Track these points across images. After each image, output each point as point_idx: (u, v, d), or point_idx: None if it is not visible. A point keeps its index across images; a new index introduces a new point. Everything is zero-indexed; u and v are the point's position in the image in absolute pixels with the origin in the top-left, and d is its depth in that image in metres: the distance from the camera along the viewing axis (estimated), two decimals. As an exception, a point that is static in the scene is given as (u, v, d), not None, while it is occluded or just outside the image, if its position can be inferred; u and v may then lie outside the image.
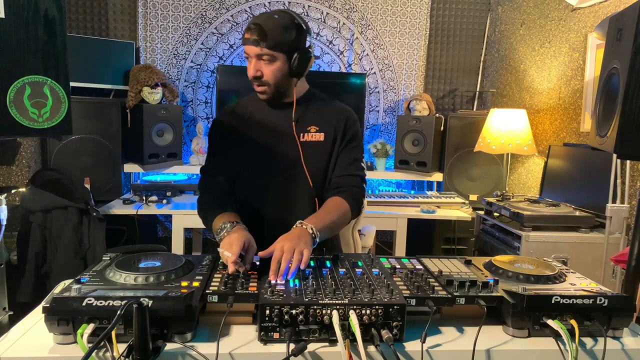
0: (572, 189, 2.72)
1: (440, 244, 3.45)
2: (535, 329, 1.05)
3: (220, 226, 1.39)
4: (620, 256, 1.83)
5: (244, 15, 3.73)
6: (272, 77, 1.51)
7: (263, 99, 1.58)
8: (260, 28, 1.45)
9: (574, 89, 2.85)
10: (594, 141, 1.46)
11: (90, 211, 2.58)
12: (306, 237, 1.29)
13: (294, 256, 1.18)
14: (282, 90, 1.57)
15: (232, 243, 1.21)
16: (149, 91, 3.27)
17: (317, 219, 1.42)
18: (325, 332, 0.98)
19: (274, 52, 1.48)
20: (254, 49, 1.48)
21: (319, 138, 1.60)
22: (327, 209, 1.52)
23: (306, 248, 1.23)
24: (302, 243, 1.24)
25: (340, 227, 1.59)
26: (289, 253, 1.19)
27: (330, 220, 1.46)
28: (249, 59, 1.52)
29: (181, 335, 0.97)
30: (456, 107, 4.00)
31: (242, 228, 1.37)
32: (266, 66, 1.50)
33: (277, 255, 1.19)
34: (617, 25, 1.37)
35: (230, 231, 1.35)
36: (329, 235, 1.52)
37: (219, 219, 1.44)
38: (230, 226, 1.37)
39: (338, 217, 1.51)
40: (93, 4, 3.58)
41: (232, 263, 1.15)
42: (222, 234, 1.37)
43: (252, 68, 1.51)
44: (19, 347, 0.96)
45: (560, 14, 3.00)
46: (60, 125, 1.23)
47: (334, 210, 1.52)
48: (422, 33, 3.85)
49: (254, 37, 1.46)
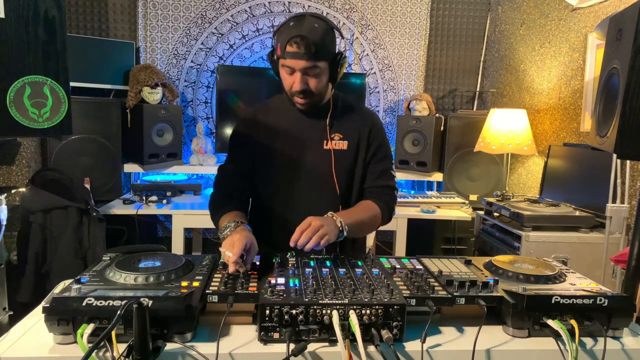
0: (572, 189, 2.72)
1: (440, 244, 3.45)
2: (535, 329, 1.05)
3: (225, 225, 1.39)
4: (620, 256, 1.83)
5: (244, 15, 3.73)
6: (317, 88, 1.48)
7: (304, 109, 1.55)
8: (307, 40, 1.39)
9: (574, 89, 2.85)
10: (594, 141, 1.46)
11: (90, 211, 2.58)
12: (333, 224, 1.35)
13: (318, 232, 1.27)
14: (321, 98, 1.56)
15: (234, 243, 1.21)
16: (149, 91, 3.27)
17: (347, 214, 1.44)
18: (325, 332, 0.98)
19: (321, 63, 1.44)
20: (301, 63, 1.42)
21: (343, 147, 1.58)
22: (358, 208, 1.54)
23: (329, 232, 1.30)
24: (328, 226, 1.31)
25: (369, 229, 1.60)
26: (314, 229, 1.27)
27: (360, 219, 1.47)
28: (289, 72, 1.46)
29: (181, 335, 0.97)
30: (456, 107, 4.00)
31: (246, 228, 1.36)
32: (312, 79, 1.46)
33: (303, 226, 1.29)
34: (617, 25, 1.37)
35: (233, 231, 1.34)
36: (357, 234, 1.53)
37: (225, 218, 1.44)
38: (235, 226, 1.37)
39: (368, 218, 1.52)
40: (93, 4, 3.58)
41: (233, 263, 1.15)
42: (225, 232, 1.37)
43: (298, 82, 1.45)
44: (19, 347, 0.96)
45: (560, 14, 3.00)
46: (60, 125, 1.23)
47: (364, 211, 1.53)
48: (422, 33, 3.85)
49: (301, 50, 1.39)
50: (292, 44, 1.40)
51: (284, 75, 1.49)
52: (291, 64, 1.43)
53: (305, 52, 1.39)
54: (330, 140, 1.57)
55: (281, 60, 1.46)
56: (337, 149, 1.57)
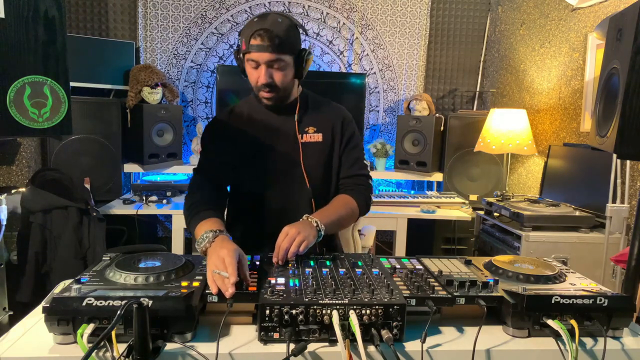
0: (572, 189, 2.72)
1: (440, 244, 3.45)
2: (535, 329, 1.05)
3: (202, 236, 1.27)
4: (620, 256, 1.83)
5: (244, 15, 3.73)
6: (283, 82, 1.50)
7: (269, 104, 1.55)
8: (271, 33, 1.40)
9: (574, 89, 2.85)
10: (594, 141, 1.46)
11: (90, 211, 2.58)
12: (309, 227, 1.34)
13: (295, 240, 1.26)
14: (287, 93, 1.57)
15: (223, 260, 1.10)
16: (149, 91, 3.27)
17: (322, 214, 1.45)
18: (325, 332, 0.98)
19: (286, 56, 1.46)
20: (265, 56, 1.43)
21: (318, 139, 1.61)
22: (333, 205, 1.54)
23: (307, 236, 1.30)
24: (305, 231, 1.31)
25: (347, 223, 1.62)
26: (291, 238, 1.26)
27: (336, 216, 1.48)
28: (254, 66, 1.47)
29: (181, 335, 0.97)
30: (456, 107, 4.00)
31: (227, 238, 1.27)
32: (277, 72, 1.47)
33: (280, 239, 1.28)
34: (617, 25, 1.37)
35: (212, 242, 1.24)
36: (336, 230, 1.57)
37: (201, 227, 1.34)
38: (213, 236, 1.26)
39: (346, 212, 1.53)
40: (93, 4, 3.58)
41: (232, 285, 1.02)
42: (203, 244, 1.26)
43: (263, 75, 1.46)
44: (19, 347, 0.96)
45: (560, 14, 3.00)
46: (60, 125, 1.23)
47: (340, 206, 1.54)
48: (422, 33, 3.85)
49: (265, 43, 1.41)
50: (256, 37, 1.41)
51: (250, 71, 1.50)
52: (256, 57, 1.44)
53: (269, 44, 1.41)
54: (305, 134, 1.59)
55: (246, 55, 1.46)
56: (312, 141, 1.60)
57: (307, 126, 1.61)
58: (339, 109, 1.68)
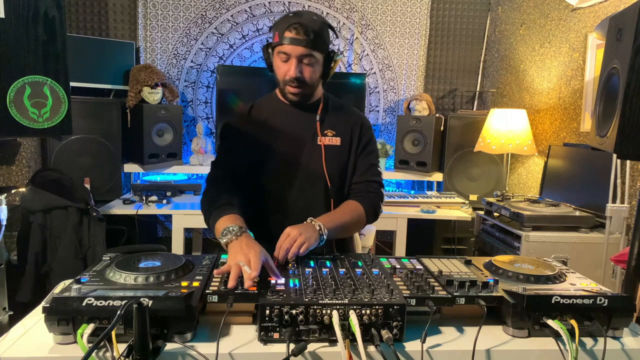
0: (572, 189, 2.72)
1: (440, 244, 3.45)
2: (535, 329, 1.05)
3: (227, 228, 1.29)
4: (620, 256, 1.83)
5: (244, 15, 3.73)
6: (312, 78, 1.50)
7: (295, 100, 1.55)
8: (306, 28, 1.41)
9: (574, 89, 2.85)
10: (594, 141, 1.46)
11: (90, 211, 2.58)
12: (312, 230, 1.35)
13: (296, 241, 1.27)
14: (312, 91, 1.57)
15: (250, 259, 1.13)
16: (149, 91, 3.27)
17: (328, 218, 1.44)
18: (325, 332, 0.98)
19: (317, 53, 1.46)
20: (298, 49, 1.43)
21: (336, 142, 1.61)
22: (340, 210, 1.54)
23: (309, 238, 1.30)
24: (306, 233, 1.31)
25: (353, 229, 1.61)
26: (292, 239, 1.28)
27: (341, 221, 1.47)
28: (285, 59, 1.47)
29: (181, 335, 0.97)
30: (456, 107, 4.00)
31: (252, 238, 1.28)
32: (306, 67, 1.47)
33: (281, 239, 1.29)
34: (617, 25, 1.37)
35: (239, 237, 1.26)
36: (342, 235, 1.55)
37: (223, 221, 1.35)
38: (238, 231, 1.27)
39: (352, 219, 1.52)
40: (93, 4, 3.58)
41: (251, 279, 1.07)
42: (227, 237, 1.28)
43: (293, 69, 1.46)
44: (19, 347, 0.96)
45: (560, 14, 3.00)
46: (60, 125, 1.23)
47: (347, 212, 1.53)
48: (422, 33, 3.85)
49: (300, 36, 1.41)
50: (292, 29, 1.42)
51: (279, 64, 1.50)
52: (288, 49, 1.44)
53: (304, 38, 1.42)
54: (323, 137, 1.59)
55: (278, 47, 1.46)
56: (330, 144, 1.60)
57: (326, 129, 1.60)
58: (359, 115, 1.68)
